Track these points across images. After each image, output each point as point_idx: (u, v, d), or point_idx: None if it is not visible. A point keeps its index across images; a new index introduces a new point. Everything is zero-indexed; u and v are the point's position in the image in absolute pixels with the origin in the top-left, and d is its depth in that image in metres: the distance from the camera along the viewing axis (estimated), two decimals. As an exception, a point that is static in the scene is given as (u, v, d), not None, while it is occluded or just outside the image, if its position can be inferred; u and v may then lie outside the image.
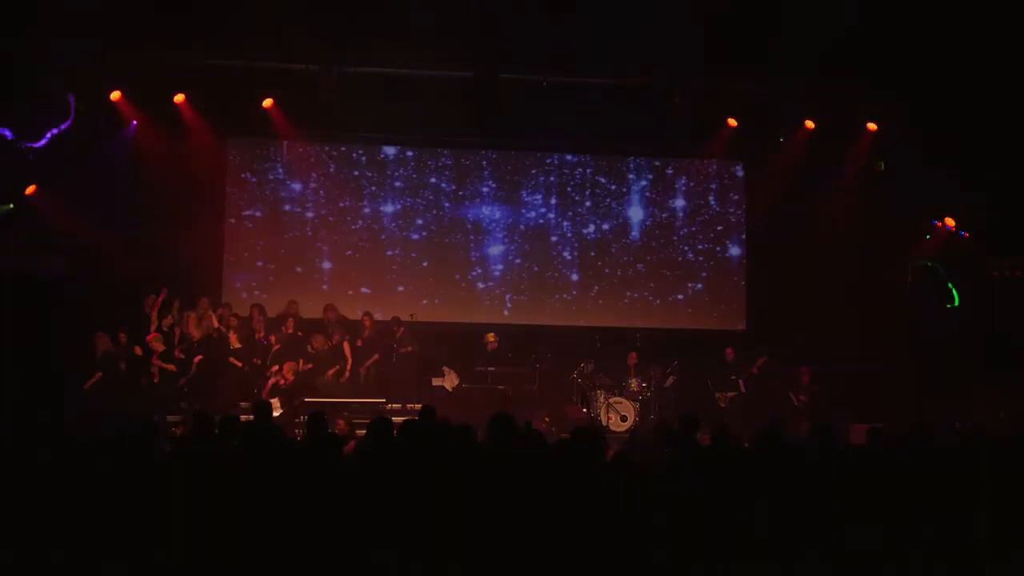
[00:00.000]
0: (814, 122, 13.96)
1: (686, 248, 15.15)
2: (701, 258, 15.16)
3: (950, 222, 13.95)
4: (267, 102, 13.56)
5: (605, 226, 15.07)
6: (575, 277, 15.00)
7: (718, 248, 15.20)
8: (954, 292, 13.48)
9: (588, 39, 12.39)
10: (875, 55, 12.06)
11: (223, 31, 12.09)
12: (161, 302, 12.80)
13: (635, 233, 15.08)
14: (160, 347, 12.29)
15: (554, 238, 15.00)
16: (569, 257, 15.00)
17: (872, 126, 13.83)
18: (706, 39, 12.03)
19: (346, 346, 13.01)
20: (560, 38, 12.35)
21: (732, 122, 14.15)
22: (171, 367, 12.28)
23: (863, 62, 12.22)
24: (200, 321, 12.67)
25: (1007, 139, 12.36)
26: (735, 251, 15.21)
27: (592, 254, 15.03)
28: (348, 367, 12.96)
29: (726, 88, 13.65)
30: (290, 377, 12.17)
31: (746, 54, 12.28)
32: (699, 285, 15.14)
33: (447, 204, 14.86)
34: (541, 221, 14.99)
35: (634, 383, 13.48)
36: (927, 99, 12.57)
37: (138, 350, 12.28)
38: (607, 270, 15.03)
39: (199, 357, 12.38)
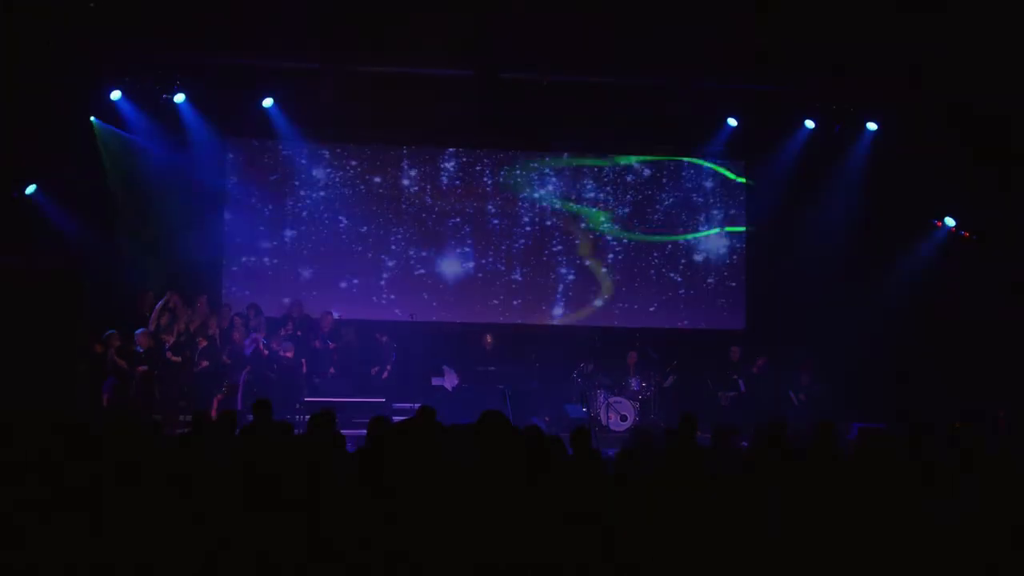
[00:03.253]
0: (814, 122, 13.96)
1: (686, 248, 15.15)
2: (701, 258, 15.16)
3: (950, 222, 13.95)
4: (267, 102, 13.57)
5: (605, 225, 15.07)
6: (575, 277, 15.01)
7: (718, 248, 15.20)
8: None
9: (588, 39, 12.39)
10: (876, 54, 12.07)
11: (223, 30, 12.09)
12: (161, 303, 12.78)
13: (635, 233, 15.09)
14: (117, 342, 12.27)
15: (554, 237, 15.00)
16: (569, 256, 15.00)
17: (872, 125, 13.83)
18: (707, 39, 12.04)
19: (290, 354, 12.85)
20: (561, 38, 12.35)
21: (732, 122, 14.15)
22: (122, 363, 12.26)
23: (863, 61, 12.23)
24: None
25: (1007, 138, 12.35)
26: (735, 251, 15.21)
27: (592, 253, 15.03)
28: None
29: (726, 88, 13.65)
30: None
31: (747, 54, 12.29)
32: (699, 284, 15.14)
33: (447, 204, 14.86)
34: (541, 220, 15.00)
35: (634, 383, 13.49)
36: (927, 98, 12.57)
37: (99, 348, 12.27)
38: (607, 269, 15.04)
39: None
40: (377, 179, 14.80)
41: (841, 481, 5.53)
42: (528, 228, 14.97)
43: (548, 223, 15.01)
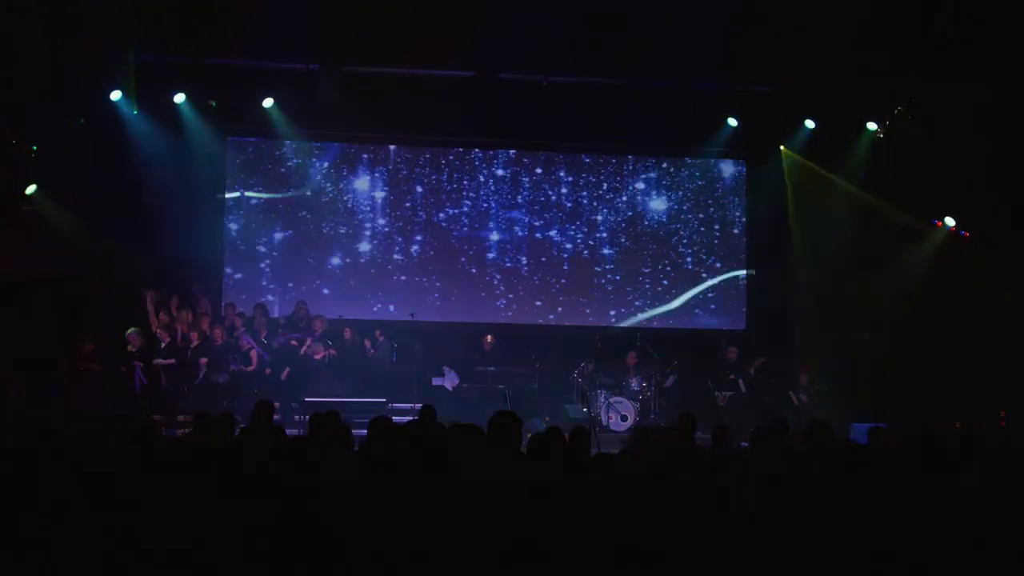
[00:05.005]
0: (814, 122, 13.97)
1: (686, 248, 15.15)
2: (701, 258, 15.16)
3: (950, 222, 13.96)
4: (267, 102, 13.57)
5: (605, 225, 15.07)
6: (575, 277, 15.00)
7: (718, 248, 15.19)
8: None
9: (588, 39, 12.40)
10: (875, 55, 12.07)
11: (223, 31, 12.10)
12: (157, 301, 12.79)
13: (635, 233, 15.08)
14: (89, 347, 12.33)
15: (554, 238, 15.00)
16: (569, 256, 15.00)
17: (872, 126, 13.84)
18: (707, 39, 12.05)
19: (253, 354, 12.75)
20: (560, 38, 12.36)
21: (732, 122, 14.15)
22: (95, 366, 12.27)
23: (863, 62, 12.24)
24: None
25: (1007, 138, 12.36)
26: (736, 250, 15.20)
27: (592, 254, 15.04)
28: (252, 367, 12.74)
29: (726, 88, 13.65)
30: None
31: (747, 54, 12.30)
32: (699, 285, 15.14)
33: (447, 204, 14.86)
34: (541, 221, 14.99)
35: (634, 383, 13.49)
36: (927, 98, 12.58)
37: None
38: (607, 269, 15.04)
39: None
40: (377, 179, 14.79)
41: (841, 480, 5.53)
42: (528, 227, 14.97)
43: (548, 223, 15.00)
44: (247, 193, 14.45)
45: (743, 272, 15.13)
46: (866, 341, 13.48)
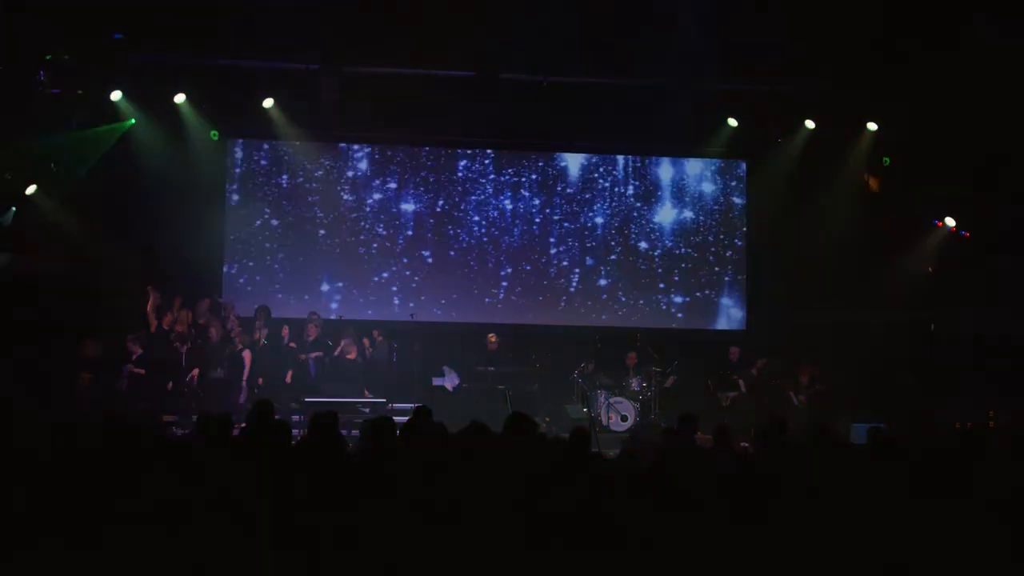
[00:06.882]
0: (814, 122, 13.98)
1: (686, 248, 15.14)
2: (701, 258, 15.16)
3: (950, 222, 13.96)
4: (267, 102, 13.56)
5: (605, 226, 15.06)
6: (575, 277, 15.00)
7: (719, 248, 15.19)
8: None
9: (588, 39, 12.40)
10: (876, 55, 12.07)
11: (223, 31, 12.10)
12: (157, 302, 12.77)
13: (635, 233, 15.09)
14: (138, 349, 12.29)
15: (554, 238, 15.00)
16: (569, 257, 15.00)
17: (872, 126, 13.84)
18: (707, 39, 12.06)
19: (247, 355, 12.56)
20: (560, 38, 12.36)
21: (732, 122, 14.16)
22: (141, 371, 12.27)
23: (863, 62, 12.24)
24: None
25: (1007, 138, 12.35)
26: (736, 251, 15.20)
27: (592, 254, 15.03)
28: (244, 375, 12.49)
29: (726, 88, 13.66)
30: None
31: (747, 54, 12.31)
32: (700, 284, 15.13)
33: (448, 204, 14.86)
34: (541, 221, 14.99)
35: (634, 383, 13.49)
36: (928, 98, 12.58)
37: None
38: (607, 270, 15.04)
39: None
40: (376, 179, 14.80)
41: (841, 481, 5.53)
42: (529, 227, 14.97)
43: (548, 223, 15.00)
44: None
45: (743, 272, 15.16)
46: (866, 341, 13.47)
